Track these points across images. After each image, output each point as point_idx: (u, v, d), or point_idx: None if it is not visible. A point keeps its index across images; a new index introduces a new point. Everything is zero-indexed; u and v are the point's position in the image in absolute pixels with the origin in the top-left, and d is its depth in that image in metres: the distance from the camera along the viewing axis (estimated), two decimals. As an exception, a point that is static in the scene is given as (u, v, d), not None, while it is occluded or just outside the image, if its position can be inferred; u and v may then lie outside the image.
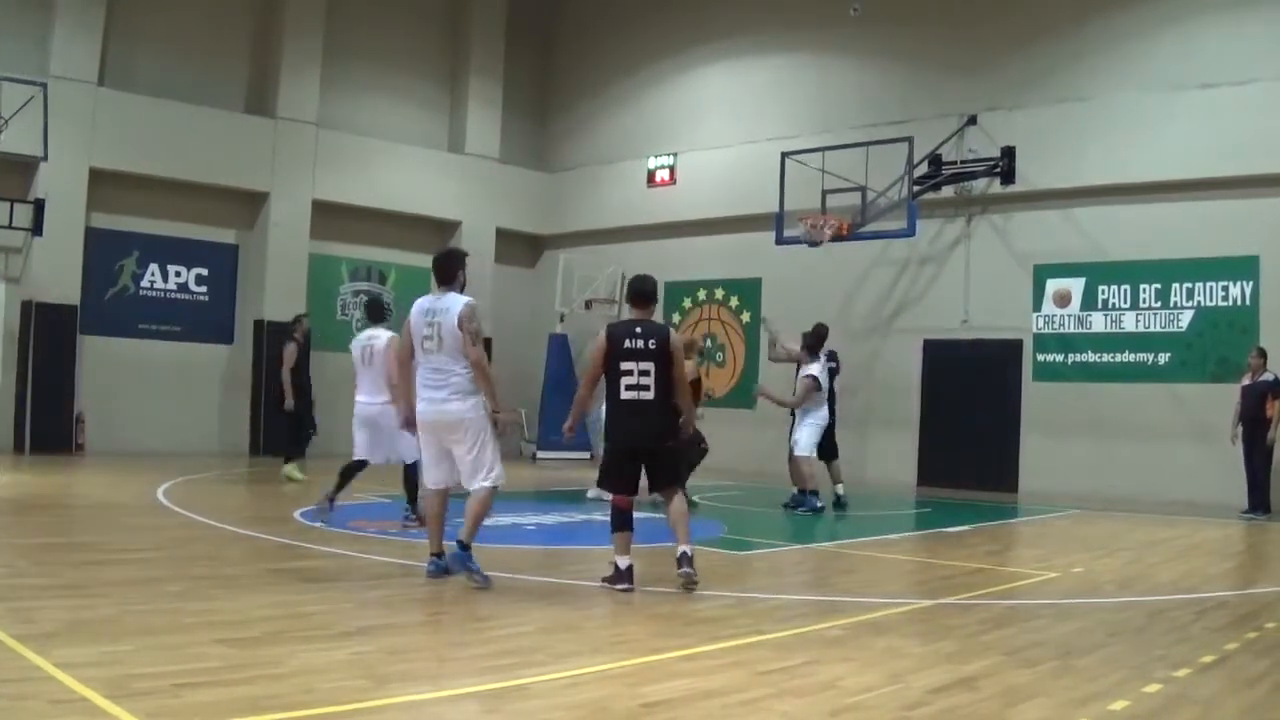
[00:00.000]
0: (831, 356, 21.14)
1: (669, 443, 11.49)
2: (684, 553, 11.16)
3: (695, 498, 18.30)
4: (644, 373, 11.20)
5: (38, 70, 25.62)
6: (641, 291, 11.91)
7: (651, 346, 11.26)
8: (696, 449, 19.27)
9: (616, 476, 11.48)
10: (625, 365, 11.24)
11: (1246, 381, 21.12)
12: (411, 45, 32.99)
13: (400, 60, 32.68)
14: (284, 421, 23.26)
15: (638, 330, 11.35)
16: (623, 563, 11.19)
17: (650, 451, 11.35)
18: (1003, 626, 9.82)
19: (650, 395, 11.20)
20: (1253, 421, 20.82)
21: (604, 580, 11.23)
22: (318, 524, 15.02)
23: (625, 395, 11.26)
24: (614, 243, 32.89)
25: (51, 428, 25.89)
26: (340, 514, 16.27)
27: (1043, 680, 7.82)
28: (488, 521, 16.80)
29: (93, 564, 11.52)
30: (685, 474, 17.19)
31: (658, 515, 16.09)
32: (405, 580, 11.35)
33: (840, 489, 20.61)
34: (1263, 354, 21.13)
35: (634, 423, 11.29)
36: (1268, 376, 20.91)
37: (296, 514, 16.36)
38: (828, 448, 20.81)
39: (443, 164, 32.96)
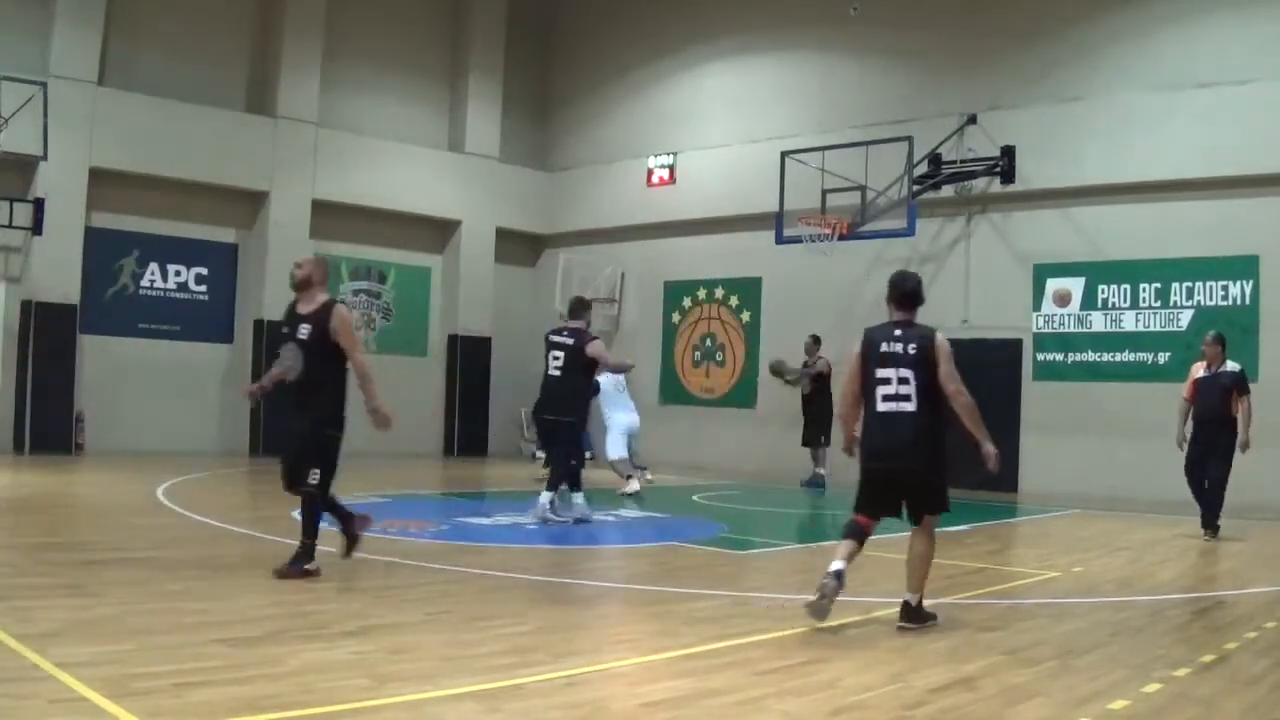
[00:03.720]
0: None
1: (930, 466, 10.04)
2: (907, 602, 9.82)
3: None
4: (903, 380, 9.97)
5: (38, 70, 25.61)
6: (906, 291, 10.67)
7: (912, 351, 10.07)
8: None
9: (876, 504, 10.19)
10: (882, 373, 10.04)
11: (1201, 374, 18.11)
12: (411, 45, 32.94)
13: (400, 59, 32.65)
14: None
15: (897, 333, 10.24)
16: (835, 565, 9.67)
17: (909, 471, 10.00)
18: (1003, 626, 9.83)
19: (911, 407, 9.93)
20: (1212, 422, 17.73)
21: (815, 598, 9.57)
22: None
23: (882, 407, 10.03)
24: (614, 242, 32.88)
25: (51, 427, 25.89)
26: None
27: (1043, 680, 7.84)
28: (488, 521, 16.88)
29: (93, 564, 11.53)
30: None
31: (657, 513, 16.10)
32: (405, 580, 11.35)
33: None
34: (1220, 340, 18.21)
35: (891, 440, 9.96)
36: (1230, 367, 17.92)
37: (297, 513, 16.35)
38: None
39: (443, 163, 32.93)
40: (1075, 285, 24.58)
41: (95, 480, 21.52)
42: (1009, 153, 24.96)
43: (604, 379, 22.22)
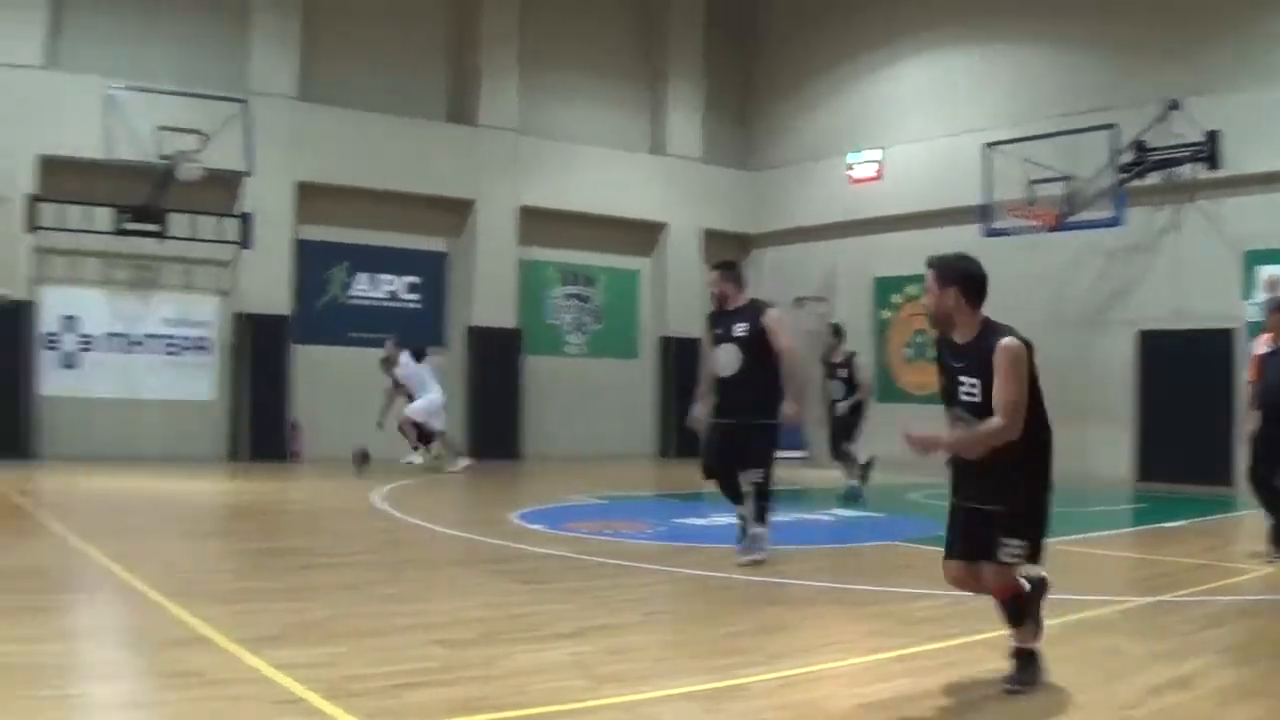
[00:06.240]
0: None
1: None
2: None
3: None
4: None
5: (238, 87, 26.38)
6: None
7: None
8: None
9: None
10: None
11: (1263, 349, 13.98)
12: (608, 49, 33.10)
13: (598, 64, 32.82)
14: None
15: None
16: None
17: None
18: (1220, 624, 9.61)
19: None
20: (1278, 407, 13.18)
21: None
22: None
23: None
24: (821, 240, 32.66)
25: (267, 436, 26.47)
26: (555, 514, 16.40)
27: (1260, 679, 7.66)
28: (703, 521, 16.86)
29: (310, 568, 11.74)
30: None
31: (873, 513, 15.96)
32: (619, 580, 11.36)
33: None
34: None
35: None
36: None
37: (513, 515, 16.49)
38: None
39: (645, 166, 33.00)
40: (1288, 271, 24.01)
41: (311, 486, 21.92)
42: (1214, 138, 24.41)
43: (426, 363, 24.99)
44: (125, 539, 13.59)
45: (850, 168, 31.96)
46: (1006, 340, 7.42)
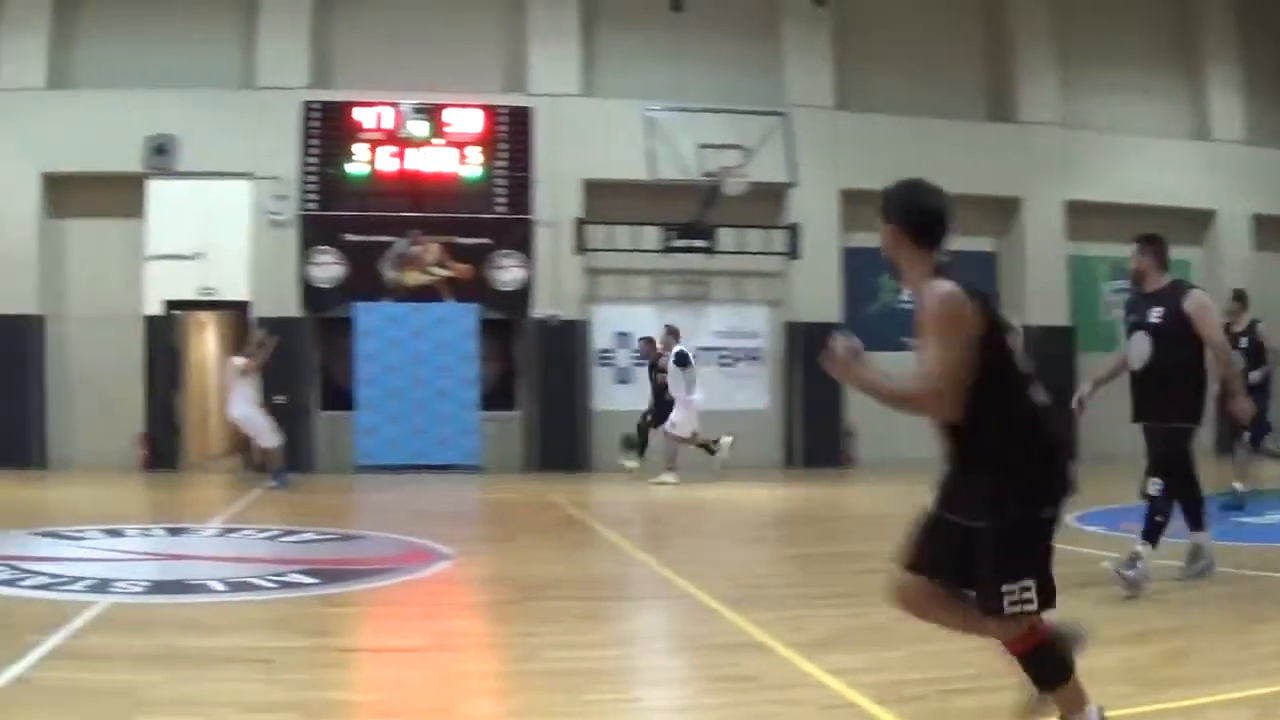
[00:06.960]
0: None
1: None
2: None
3: None
4: None
5: (774, 100, 27.24)
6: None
7: None
8: None
9: None
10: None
11: None
12: (1142, 38, 32.13)
13: (1132, 54, 31.85)
14: None
15: None
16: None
17: None
18: None
19: None
20: None
21: None
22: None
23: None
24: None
25: (820, 443, 26.88)
26: (1113, 516, 16.11)
27: None
28: (1259, 520, 16.27)
29: (865, 573, 11.76)
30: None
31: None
32: (1175, 583, 11.05)
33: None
34: None
35: None
36: None
37: (1070, 518, 16.21)
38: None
39: (1188, 153, 31.86)
40: None
41: (867, 492, 22.11)
42: None
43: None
44: (681, 547, 14.02)
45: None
46: (933, 285, 5.92)
